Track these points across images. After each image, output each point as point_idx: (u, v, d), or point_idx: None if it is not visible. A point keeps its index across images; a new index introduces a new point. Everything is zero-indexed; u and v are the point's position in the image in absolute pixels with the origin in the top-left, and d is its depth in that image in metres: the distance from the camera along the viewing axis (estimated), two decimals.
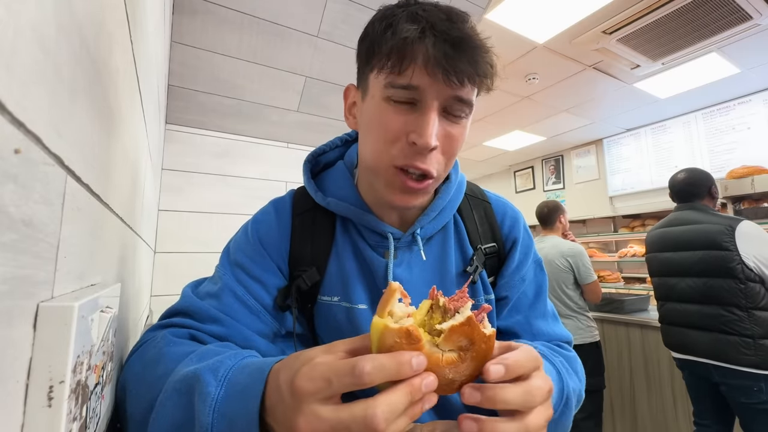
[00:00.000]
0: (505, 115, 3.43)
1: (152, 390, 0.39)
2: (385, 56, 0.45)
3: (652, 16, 2.05)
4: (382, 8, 0.49)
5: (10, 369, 0.21)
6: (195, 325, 0.51)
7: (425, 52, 0.43)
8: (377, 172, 0.51)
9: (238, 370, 0.35)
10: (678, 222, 1.81)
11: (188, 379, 0.37)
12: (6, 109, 0.18)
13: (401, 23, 0.44)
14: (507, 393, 0.32)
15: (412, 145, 0.46)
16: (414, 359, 0.28)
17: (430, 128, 0.45)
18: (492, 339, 0.33)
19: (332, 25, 1.45)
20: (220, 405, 0.33)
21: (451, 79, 0.43)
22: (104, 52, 0.37)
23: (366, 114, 0.51)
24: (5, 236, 0.19)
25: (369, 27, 0.49)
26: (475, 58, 0.44)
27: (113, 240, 0.49)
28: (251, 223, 0.60)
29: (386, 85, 0.46)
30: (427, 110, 0.45)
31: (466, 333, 0.31)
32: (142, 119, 0.75)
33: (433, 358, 0.30)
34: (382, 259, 0.57)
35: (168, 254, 1.83)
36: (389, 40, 0.44)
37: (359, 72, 0.53)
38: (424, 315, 0.34)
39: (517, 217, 0.65)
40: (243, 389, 0.33)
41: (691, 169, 1.87)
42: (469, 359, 0.32)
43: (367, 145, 0.52)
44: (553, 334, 0.61)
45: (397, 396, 0.28)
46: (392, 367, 0.28)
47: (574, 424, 2.20)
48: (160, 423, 0.36)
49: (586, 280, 2.20)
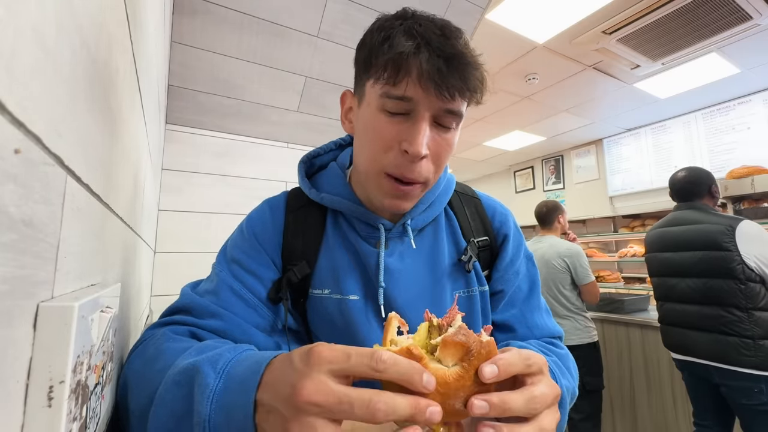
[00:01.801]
0: (505, 115, 3.43)
1: (152, 385, 0.39)
2: (382, 68, 0.48)
3: (652, 16, 2.05)
4: (380, 18, 0.52)
5: (10, 369, 0.21)
6: (194, 322, 0.51)
7: (419, 67, 0.46)
8: (369, 177, 0.54)
9: (236, 363, 0.36)
10: (678, 222, 1.79)
11: (188, 371, 0.37)
12: (6, 109, 0.18)
13: (398, 37, 0.47)
14: (512, 398, 0.31)
15: (404, 154, 0.49)
16: (425, 374, 0.29)
17: (420, 137, 0.48)
18: (491, 345, 0.32)
19: (332, 25, 1.45)
20: (218, 397, 0.33)
21: (443, 93, 0.46)
22: (104, 52, 0.37)
23: (362, 120, 0.53)
24: (5, 236, 0.19)
25: (367, 36, 0.52)
26: (466, 75, 0.47)
27: (113, 240, 0.49)
28: (246, 221, 0.63)
29: (382, 95, 0.49)
30: (418, 121, 0.48)
31: (461, 341, 0.31)
32: (142, 119, 0.75)
33: (440, 374, 0.30)
34: (374, 249, 0.58)
35: (168, 254, 1.83)
36: (386, 53, 0.47)
37: (357, 78, 0.55)
38: (424, 338, 0.34)
39: (506, 213, 0.68)
40: (241, 380, 0.33)
41: (691, 167, 1.85)
42: (473, 371, 0.31)
43: (361, 149, 0.55)
44: (546, 329, 0.62)
45: (402, 401, 0.28)
46: (406, 367, 0.28)
47: (572, 425, 2.21)
48: (160, 415, 0.36)
49: (584, 281, 2.19)
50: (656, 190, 3.63)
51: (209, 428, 0.32)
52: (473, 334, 0.32)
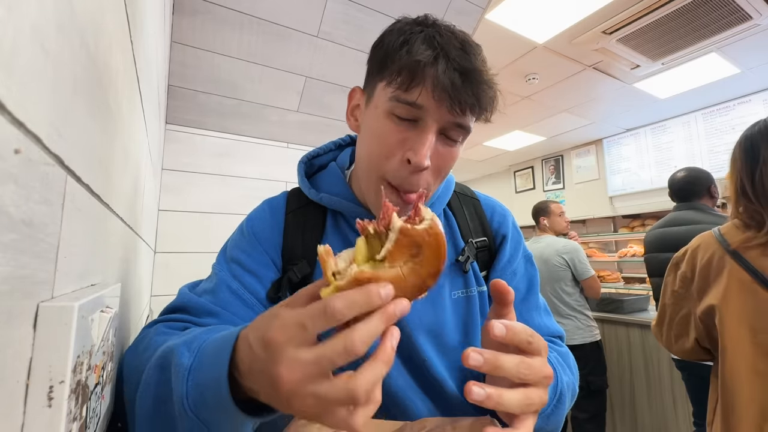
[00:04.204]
0: (505, 115, 3.41)
1: (140, 374, 0.40)
2: (397, 72, 0.47)
3: (652, 16, 2.05)
4: (401, 20, 0.52)
5: (10, 369, 0.21)
6: (191, 320, 0.51)
7: (434, 77, 0.45)
8: (369, 180, 0.53)
9: (211, 342, 0.36)
10: (677, 222, 1.79)
11: (166, 355, 0.38)
12: (6, 109, 0.18)
13: (417, 44, 0.46)
14: (504, 357, 0.33)
15: (406, 163, 0.48)
16: (382, 290, 0.28)
17: (425, 148, 0.47)
18: (433, 231, 0.31)
19: (332, 25, 1.45)
20: (193, 374, 0.34)
21: (455, 108, 0.46)
22: (104, 52, 0.37)
23: (368, 121, 0.53)
24: (5, 236, 0.19)
25: (386, 36, 0.51)
26: (480, 92, 0.47)
27: (113, 240, 0.49)
28: (246, 221, 0.62)
29: (392, 98, 0.48)
30: (426, 130, 0.47)
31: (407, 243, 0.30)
32: (142, 119, 0.75)
33: (396, 278, 0.30)
34: None
35: (168, 254, 1.83)
36: (403, 58, 0.46)
37: (368, 76, 0.54)
38: (365, 251, 0.32)
39: (505, 214, 0.68)
40: (212, 356, 0.33)
41: (690, 168, 1.85)
42: (426, 261, 0.31)
43: (364, 151, 0.54)
44: (546, 328, 0.62)
45: (374, 323, 0.28)
46: (362, 299, 0.28)
47: (577, 424, 2.21)
48: (144, 399, 0.37)
49: (584, 276, 2.20)
50: (656, 190, 3.63)
51: (188, 405, 0.33)
52: (415, 230, 0.30)
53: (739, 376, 0.87)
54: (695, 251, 1.02)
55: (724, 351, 0.90)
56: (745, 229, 0.93)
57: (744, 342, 0.87)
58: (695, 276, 1.00)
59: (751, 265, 0.88)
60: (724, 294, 0.91)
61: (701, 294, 0.97)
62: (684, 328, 1.02)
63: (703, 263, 0.98)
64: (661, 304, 1.11)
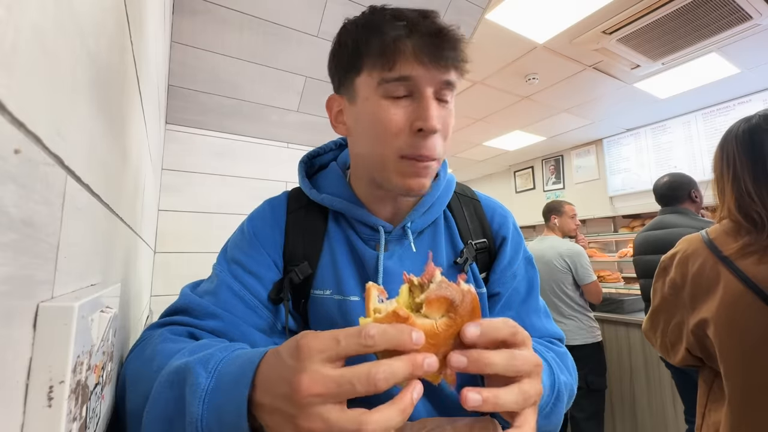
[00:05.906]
0: (505, 115, 3.43)
1: (147, 385, 0.40)
2: (376, 55, 0.49)
3: (652, 16, 2.05)
4: (349, 20, 0.55)
5: (10, 369, 0.21)
6: (193, 322, 0.51)
7: (414, 46, 0.48)
8: (385, 166, 0.53)
9: (228, 362, 0.36)
10: (660, 225, 1.87)
11: (179, 372, 0.37)
12: (6, 109, 0.18)
13: (386, 24, 0.49)
14: (492, 354, 0.33)
15: (416, 133, 0.49)
16: (414, 332, 0.29)
17: (432, 112, 0.48)
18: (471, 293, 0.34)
19: (332, 25, 1.45)
20: (210, 396, 0.33)
21: (440, 64, 0.48)
22: (104, 52, 0.37)
23: (361, 114, 0.53)
24: (5, 236, 0.19)
25: (344, 38, 0.54)
26: (456, 46, 0.49)
27: (113, 240, 0.49)
28: (247, 221, 0.62)
29: (380, 82, 0.49)
30: (424, 98, 0.49)
31: (444, 295, 0.33)
32: (142, 119, 0.75)
33: (428, 327, 0.32)
34: (373, 251, 0.58)
35: (168, 254, 1.83)
36: (377, 42, 0.49)
37: (340, 82, 0.56)
38: (407, 298, 0.35)
39: (506, 215, 0.67)
40: (233, 380, 0.33)
41: (674, 173, 1.95)
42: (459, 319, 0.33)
43: (366, 143, 0.54)
44: (545, 331, 0.62)
45: (399, 364, 0.29)
46: (394, 333, 0.29)
47: (575, 424, 2.21)
48: (153, 416, 0.36)
49: (585, 281, 2.20)
50: None
51: (201, 428, 0.32)
52: (454, 285, 0.34)
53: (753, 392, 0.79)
54: (685, 258, 0.95)
55: (728, 372, 0.83)
56: (739, 232, 0.86)
57: (746, 358, 0.80)
58: (686, 284, 0.94)
59: (745, 275, 0.82)
60: (719, 308, 0.84)
61: (694, 303, 0.91)
62: (678, 337, 0.98)
63: (694, 271, 0.91)
64: (653, 310, 1.07)
